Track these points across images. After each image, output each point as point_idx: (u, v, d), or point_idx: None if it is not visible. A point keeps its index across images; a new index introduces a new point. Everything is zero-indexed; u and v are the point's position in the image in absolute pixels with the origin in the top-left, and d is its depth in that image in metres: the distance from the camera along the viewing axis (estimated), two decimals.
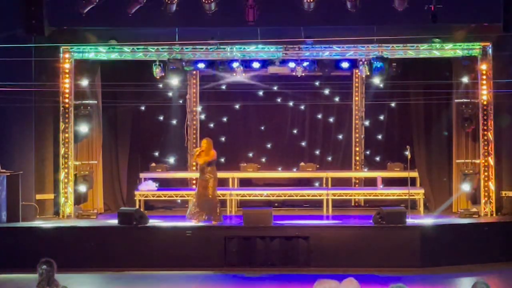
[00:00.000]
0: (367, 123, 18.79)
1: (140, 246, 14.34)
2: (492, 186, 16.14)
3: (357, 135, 18.78)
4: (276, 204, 17.60)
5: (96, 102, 17.07)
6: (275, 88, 18.65)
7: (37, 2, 14.67)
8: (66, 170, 16.43)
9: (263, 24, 15.10)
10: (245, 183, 18.23)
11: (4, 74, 14.85)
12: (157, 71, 16.34)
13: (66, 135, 16.46)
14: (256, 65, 16.86)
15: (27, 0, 14.61)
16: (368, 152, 18.86)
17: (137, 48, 16.45)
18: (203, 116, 18.96)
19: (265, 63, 16.82)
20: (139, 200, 16.98)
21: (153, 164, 18.14)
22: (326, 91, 18.68)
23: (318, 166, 18.51)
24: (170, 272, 13.89)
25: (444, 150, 17.59)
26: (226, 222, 15.41)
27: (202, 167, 15.09)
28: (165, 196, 17.23)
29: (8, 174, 15.19)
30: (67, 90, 16.45)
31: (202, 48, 16.47)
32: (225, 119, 18.99)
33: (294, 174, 18.60)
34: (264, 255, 14.24)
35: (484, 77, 16.26)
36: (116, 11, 15.07)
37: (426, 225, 14.78)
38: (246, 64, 16.83)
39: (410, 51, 16.40)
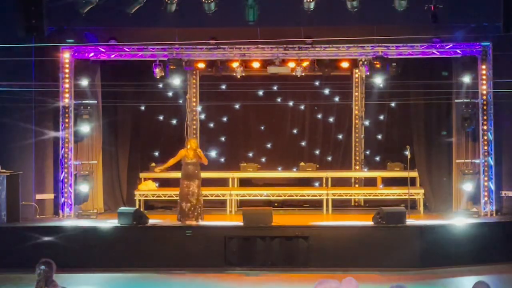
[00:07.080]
0: (367, 123, 18.79)
1: (140, 246, 14.33)
2: (492, 186, 16.15)
3: (357, 135, 18.79)
4: (276, 204, 17.60)
5: (96, 102, 17.06)
6: (275, 88, 18.66)
7: (37, 2, 14.65)
8: (66, 170, 16.44)
9: (263, 24, 15.09)
10: (245, 183, 18.23)
11: (4, 74, 14.83)
12: (157, 71, 16.35)
13: (66, 135, 16.46)
14: (256, 65, 16.86)
15: (27, 0, 14.60)
16: (368, 152, 18.86)
17: (137, 48, 16.45)
18: (203, 116, 18.97)
19: (265, 63, 16.82)
20: (139, 200, 16.99)
21: (153, 164, 18.12)
22: (326, 91, 18.69)
23: (318, 166, 18.50)
24: (170, 272, 13.88)
25: (444, 150, 17.56)
26: (226, 222, 15.38)
27: (191, 168, 14.95)
28: (165, 196, 17.21)
29: (8, 174, 15.17)
30: (67, 90, 16.46)
31: (202, 48, 16.47)
32: (225, 119, 18.99)
33: (294, 174, 18.59)
34: (264, 255, 14.23)
35: (484, 77, 16.26)
36: (116, 11, 15.06)
37: (426, 225, 14.76)
38: (246, 64, 16.84)
39: (410, 51, 16.40)
